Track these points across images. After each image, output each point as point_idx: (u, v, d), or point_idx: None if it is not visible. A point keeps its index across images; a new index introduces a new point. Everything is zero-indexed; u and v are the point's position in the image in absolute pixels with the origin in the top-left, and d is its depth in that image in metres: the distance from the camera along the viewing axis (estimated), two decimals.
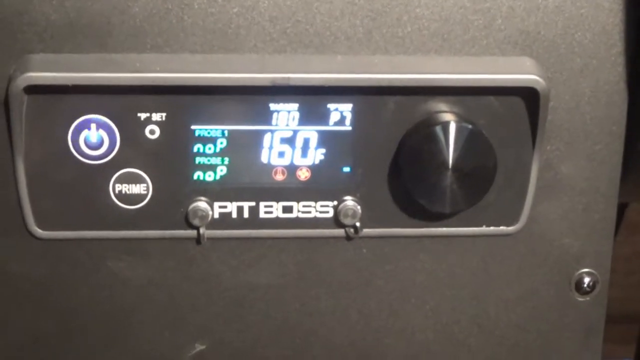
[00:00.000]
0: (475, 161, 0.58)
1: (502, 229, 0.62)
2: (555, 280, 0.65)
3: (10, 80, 0.56)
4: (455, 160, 0.58)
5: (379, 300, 0.64)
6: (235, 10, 0.57)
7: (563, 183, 0.62)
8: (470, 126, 0.57)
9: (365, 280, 0.64)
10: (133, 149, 0.58)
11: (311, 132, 0.59)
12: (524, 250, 0.64)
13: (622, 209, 0.97)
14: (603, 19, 0.59)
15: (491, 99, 0.59)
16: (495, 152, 0.58)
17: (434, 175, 0.58)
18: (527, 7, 0.58)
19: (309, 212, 0.61)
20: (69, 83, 0.56)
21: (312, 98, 0.58)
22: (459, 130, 0.57)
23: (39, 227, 0.60)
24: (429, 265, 0.64)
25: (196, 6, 0.57)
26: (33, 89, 0.56)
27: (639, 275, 1.43)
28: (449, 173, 0.58)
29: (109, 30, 0.57)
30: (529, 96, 0.58)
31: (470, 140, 0.58)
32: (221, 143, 0.59)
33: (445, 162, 0.58)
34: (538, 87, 0.58)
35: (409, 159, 0.58)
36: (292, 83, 0.57)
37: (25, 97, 0.56)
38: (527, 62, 0.59)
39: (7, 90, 0.56)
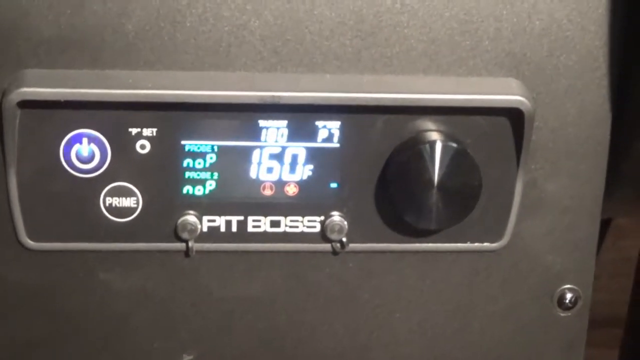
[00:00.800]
0: (461, 180, 0.59)
1: (486, 245, 0.63)
2: (538, 295, 0.66)
3: (4, 94, 0.56)
4: (441, 178, 0.59)
5: (365, 314, 0.66)
6: (226, 28, 0.58)
7: (547, 201, 0.63)
8: (456, 145, 0.58)
9: (351, 294, 0.65)
10: (124, 163, 0.59)
11: (299, 149, 0.60)
12: (507, 266, 0.65)
13: (606, 223, 0.98)
14: (588, 41, 0.60)
15: (477, 118, 0.60)
16: (480, 171, 0.59)
17: (420, 192, 0.59)
18: (513, 29, 0.59)
19: (297, 226, 0.62)
20: (62, 98, 0.57)
21: (301, 115, 0.59)
22: (444, 149, 0.58)
23: (31, 239, 0.60)
24: (414, 280, 0.65)
25: (188, 24, 0.57)
26: (26, 104, 0.57)
27: (624, 278, 1.44)
28: (435, 191, 0.59)
29: (102, 46, 0.57)
30: (514, 116, 0.59)
31: (456, 159, 0.59)
32: (211, 158, 0.60)
33: (431, 180, 0.59)
34: (523, 108, 0.59)
35: (396, 177, 0.59)
36: (281, 101, 0.58)
37: (19, 112, 0.57)
38: (513, 83, 0.60)
39: (0, 104, 0.57)
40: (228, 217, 0.61)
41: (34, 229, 0.60)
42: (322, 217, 0.62)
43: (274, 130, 0.59)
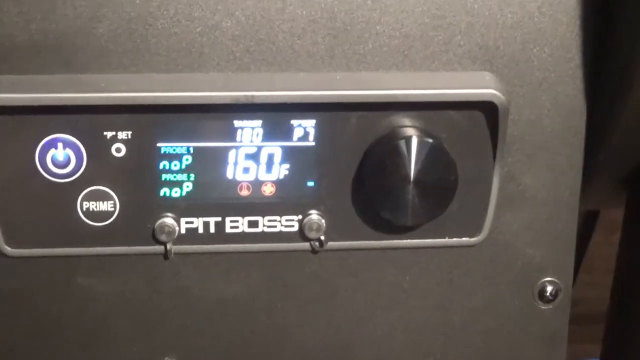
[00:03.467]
0: (437, 175, 0.59)
1: (465, 240, 0.63)
2: (519, 289, 0.66)
3: None
4: (417, 174, 0.59)
5: (346, 311, 0.66)
6: (198, 29, 0.58)
7: (525, 194, 0.64)
8: (431, 140, 0.58)
9: (331, 292, 0.65)
10: (100, 167, 0.59)
11: (275, 148, 0.60)
12: (487, 260, 0.65)
13: (594, 216, 0.98)
14: (561, 33, 0.60)
15: (452, 113, 0.60)
16: (456, 166, 0.59)
17: (396, 188, 0.59)
18: (486, 23, 0.59)
19: (275, 226, 0.62)
20: (36, 103, 0.57)
21: (276, 114, 0.59)
22: (420, 145, 0.58)
23: (8, 245, 0.60)
24: (394, 276, 0.65)
25: (160, 26, 0.57)
26: (0, 110, 0.56)
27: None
28: (411, 186, 0.59)
29: (74, 51, 0.57)
30: (488, 110, 0.60)
31: (432, 155, 0.59)
32: (187, 160, 0.60)
33: (407, 176, 0.59)
34: (497, 101, 0.59)
35: (372, 173, 0.59)
36: (255, 101, 0.58)
37: None
38: (487, 76, 0.60)
39: None
40: (206, 219, 0.61)
41: (12, 236, 0.60)
42: (300, 216, 0.62)
43: (249, 130, 0.59)
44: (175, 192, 0.60)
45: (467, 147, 0.61)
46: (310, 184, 0.61)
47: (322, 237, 0.62)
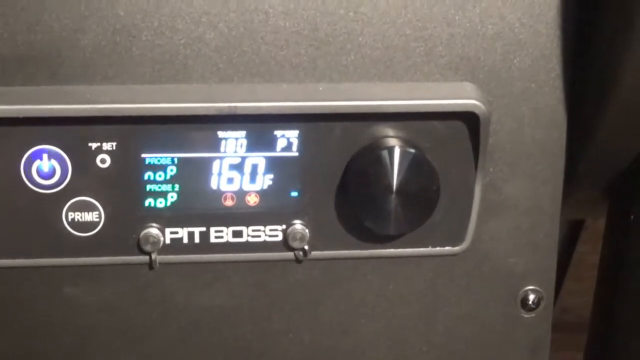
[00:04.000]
0: (419, 185, 0.60)
1: (448, 249, 0.64)
2: (502, 297, 0.67)
3: None
4: (400, 184, 0.59)
5: (330, 321, 0.66)
6: (182, 41, 0.58)
7: (507, 203, 0.64)
8: (413, 151, 0.59)
9: (316, 301, 0.65)
10: (85, 177, 0.60)
11: (259, 158, 0.61)
12: (470, 269, 0.66)
13: (579, 225, 0.99)
14: (541, 44, 0.61)
15: (434, 123, 0.61)
16: (438, 176, 0.60)
17: (379, 198, 0.60)
18: (467, 34, 0.60)
19: (259, 236, 0.62)
20: (21, 115, 0.57)
21: (259, 125, 0.60)
22: (402, 155, 0.59)
23: None
24: (378, 285, 0.65)
25: (144, 38, 0.58)
26: None
27: None
28: (394, 196, 0.59)
29: (59, 62, 0.58)
30: (470, 120, 0.60)
31: (414, 165, 0.59)
32: (171, 170, 0.60)
33: (390, 186, 0.59)
34: (478, 112, 0.59)
35: (355, 183, 0.60)
36: (239, 112, 0.58)
37: None
38: (468, 87, 0.61)
39: None
40: (190, 229, 0.62)
41: None
42: (284, 226, 0.62)
43: (233, 141, 0.60)
44: (160, 203, 0.61)
45: (449, 157, 0.61)
46: (294, 194, 0.61)
47: (306, 247, 0.62)
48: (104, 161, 0.59)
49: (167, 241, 0.62)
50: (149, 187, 0.60)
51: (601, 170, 0.66)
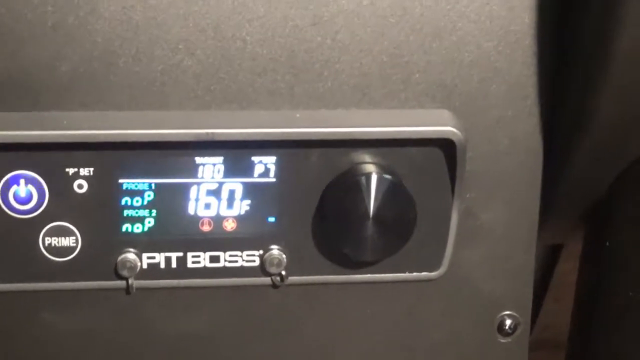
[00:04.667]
0: (396, 211, 0.60)
1: (425, 274, 0.64)
2: (479, 323, 0.67)
3: None
4: (376, 210, 0.60)
5: (309, 346, 0.66)
6: (159, 68, 0.59)
7: (483, 230, 0.64)
8: (390, 177, 0.59)
9: (294, 326, 0.65)
10: (62, 203, 0.60)
11: (236, 184, 0.61)
12: (447, 294, 0.66)
13: (558, 248, 0.99)
14: (517, 71, 0.61)
15: (411, 150, 0.61)
16: (414, 202, 0.60)
17: (356, 224, 0.60)
18: (443, 61, 0.60)
19: (236, 261, 0.62)
20: None
21: (237, 152, 0.60)
22: (379, 182, 0.59)
23: None
24: (355, 310, 0.66)
25: (121, 65, 0.58)
26: None
27: None
28: (370, 223, 0.60)
29: (37, 88, 0.58)
30: (446, 147, 0.60)
31: (391, 191, 0.60)
32: (149, 196, 0.60)
33: (367, 212, 0.59)
34: (454, 139, 0.60)
35: (332, 209, 0.60)
36: (216, 138, 0.58)
37: None
38: (444, 114, 0.61)
39: None
40: (167, 254, 0.62)
41: None
42: (261, 251, 0.62)
43: (211, 167, 0.60)
44: (137, 228, 0.61)
45: (426, 183, 0.61)
46: (271, 219, 0.62)
47: (283, 272, 0.62)
48: (81, 186, 0.59)
49: (145, 266, 0.62)
50: (126, 212, 0.60)
51: (577, 197, 0.67)
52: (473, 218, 0.64)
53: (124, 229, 0.61)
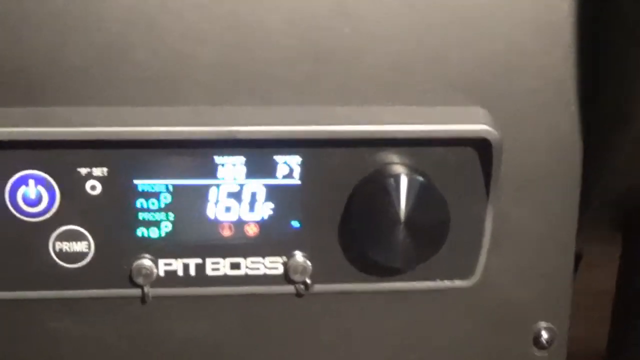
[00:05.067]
0: (428, 215, 0.56)
1: (457, 282, 0.61)
2: (513, 334, 0.64)
3: None
4: (408, 214, 0.56)
5: (332, 356, 0.63)
6: (175, 60, 0.55)
7: (519, 234, 0.61)
8: (421, 179, 0.56)
9: (316, 335, 0.62)
10: (73, 205, 0.56)
11: (258, 186, 0.57)
12: (479, 304, 0.62)
13: (578, 258, 0.96)
14: (555, 68, 0.58)
15: (443, 149, 0.57)
16: (447, 205, 0.56)
17: (385, 229, 0.56)
18: (478, 57, 0.57)
19: (258, 268, 0.59)
20: (4, 138, 0.54)
21: (259, 151, 0.57)
22: (410, 183, 0.56)
23: None
24: (382, 320, 0.62)
25: (134, 57, 0.55)
26: None
27: (597, 311, 1.42)
28: (401, 228, 0.56)
29: (42, 82, 0.54)
30: (481, 147, 0.57)
31: (422, 194, 0.56)
32: (165, 198, 0.57)
33: (397, 217, 0.56)
34: (490, 138, 0.56)
35: (360, 213, 0.57)
36: (238, 136, 0.55)
37: None
38: (479, 111, 0.57)
39: None
40: (185, 260, 0.58)
41: None
42: (285, 258, 0.59)
43: (231, 167, 0.57)
44: (153, 232, 0.57)
45: (459, 185, 0.58)
46: (296, 224, 0.58)
47: (308, 280, 0.59)
48: (94, 188, 0.56)
49: (161, 273, 0.58)
50: (141, 215, 0.57)
51: (616, 201, 0.64)
52: (508, 222, 0.60)
53: (139, 233, 0.57)
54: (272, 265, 0.59)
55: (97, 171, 0.56)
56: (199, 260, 0.58)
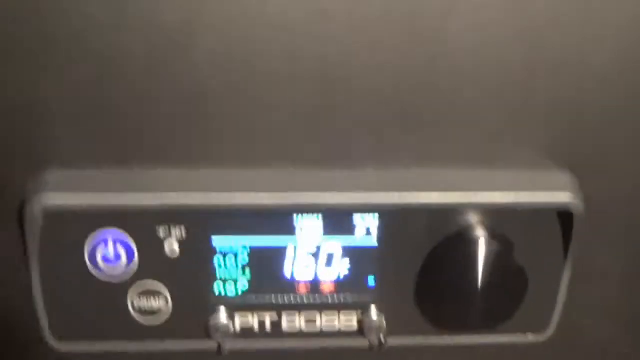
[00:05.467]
0: (505, 281, 0.56)
1: (532, 336, 0.60)
2: None
3: (26, 199, 0.54)
4: (484, 280, 0.56)
5: None
6: (253, 125, 0.54)
7: (595, 280, 0.60)
8: (500, 246, 0.55)
9: None
10: (152, 263, 0.56)
11: (335, 247, 0.57)
12: (555, 356, 0.62)
13: None
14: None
15: (524, 214, 0.56)
16: (525, 272, 0.56)
17: (461, 294, 0.56)
18: (563, 119, 0.55)
19: (333, 325, 0.59)
20: (87, 202, 0.54)
21: (337, 212, 0.56)
22: (488, 250, 0.55)
23: (58, 340, 0.58)
24: None
25: (213, 122, 0.54)
26: (50, 209, 0.54)
27: None
28: (478, 293, 0.56)
29: (126, 145, 0.54)
30: (564, 215, 0.56)
31: (500, 260, 0.56)
32: (243, 256, 0.57)
33: (475, 282, 0.56)
34: (573, 208, 0.55)
35: (436, 276, 0.56)
36: (318, 202, 0.54)
37: (42, 217, 0.54)
38: (563, 177, 0.56)
39: (21, 206, 0.54)
40: (261, 316, 0.59)
41: (61, 331, 0.58)
42: (360, 315, 0.59)
43: (309, 228, 0.56)
44: (231, 290, 0.58)
45: (538, 246, 0.57)
46: (371, 282, 0.58)
47: (382, 337, 0.59)
48: (172, 245, 0.56)
49: (237, 329, 0.58)
50: (219, 273, 0.57)
51: None
52: (586, 266, 0.59)
53: (216, 291, 0.58)
54: (348, 323, 0.59)
55: (175, 230, 0.56)
56: (275, 317, 0.59)
